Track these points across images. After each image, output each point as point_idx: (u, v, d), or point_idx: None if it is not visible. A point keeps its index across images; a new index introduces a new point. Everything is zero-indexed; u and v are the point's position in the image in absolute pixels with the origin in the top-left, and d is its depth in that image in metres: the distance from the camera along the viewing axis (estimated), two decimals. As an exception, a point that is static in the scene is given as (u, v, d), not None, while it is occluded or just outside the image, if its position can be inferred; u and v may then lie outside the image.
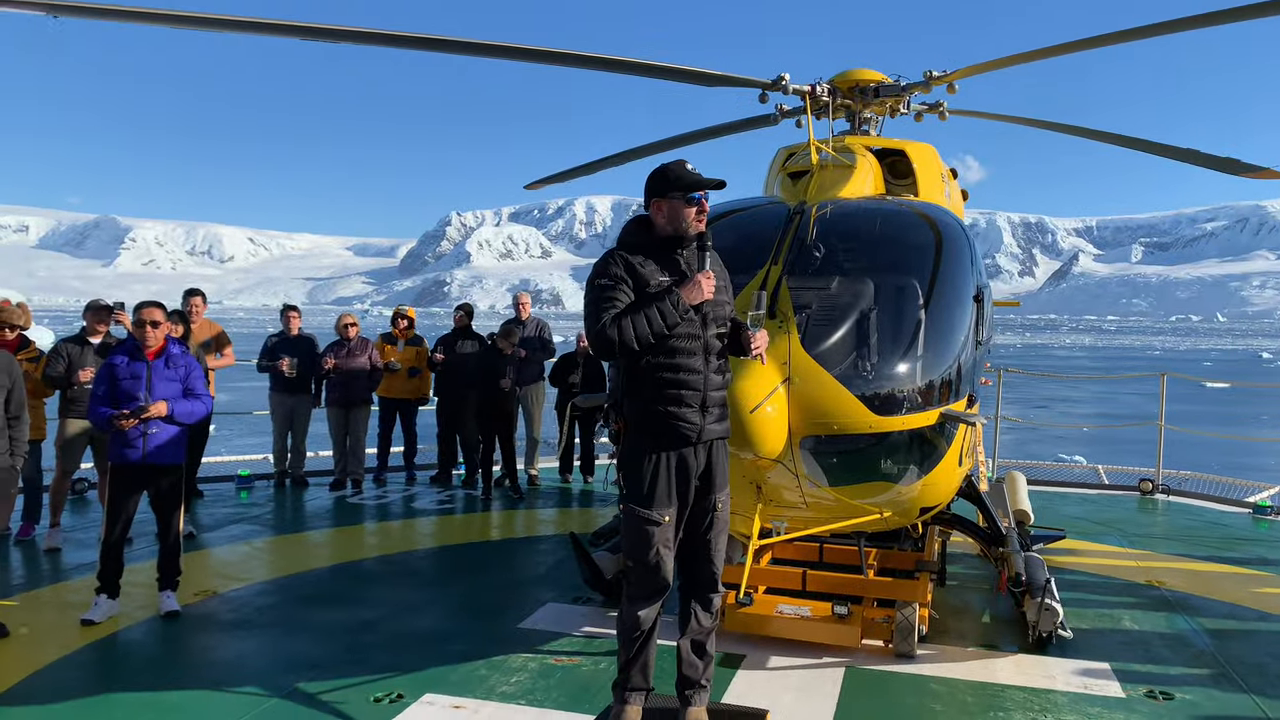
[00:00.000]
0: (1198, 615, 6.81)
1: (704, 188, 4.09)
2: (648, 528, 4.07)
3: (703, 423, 4.06)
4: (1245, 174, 8.02)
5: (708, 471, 4.15)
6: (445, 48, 6.46)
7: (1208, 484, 12.79)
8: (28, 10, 5.20)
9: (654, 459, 4.08)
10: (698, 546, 4.20)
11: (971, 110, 8.58)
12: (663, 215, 4.12)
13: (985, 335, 6.63)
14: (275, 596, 6.86)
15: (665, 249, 4.13)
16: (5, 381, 5.87)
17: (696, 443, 4.08)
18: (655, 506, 4.07)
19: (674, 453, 4.08)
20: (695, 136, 8.94)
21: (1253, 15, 5.56)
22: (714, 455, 4.17)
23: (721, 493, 4.20)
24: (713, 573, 4.22)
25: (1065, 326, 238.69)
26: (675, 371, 4.04)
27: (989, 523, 7.19)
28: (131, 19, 5.81)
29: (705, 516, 4.17)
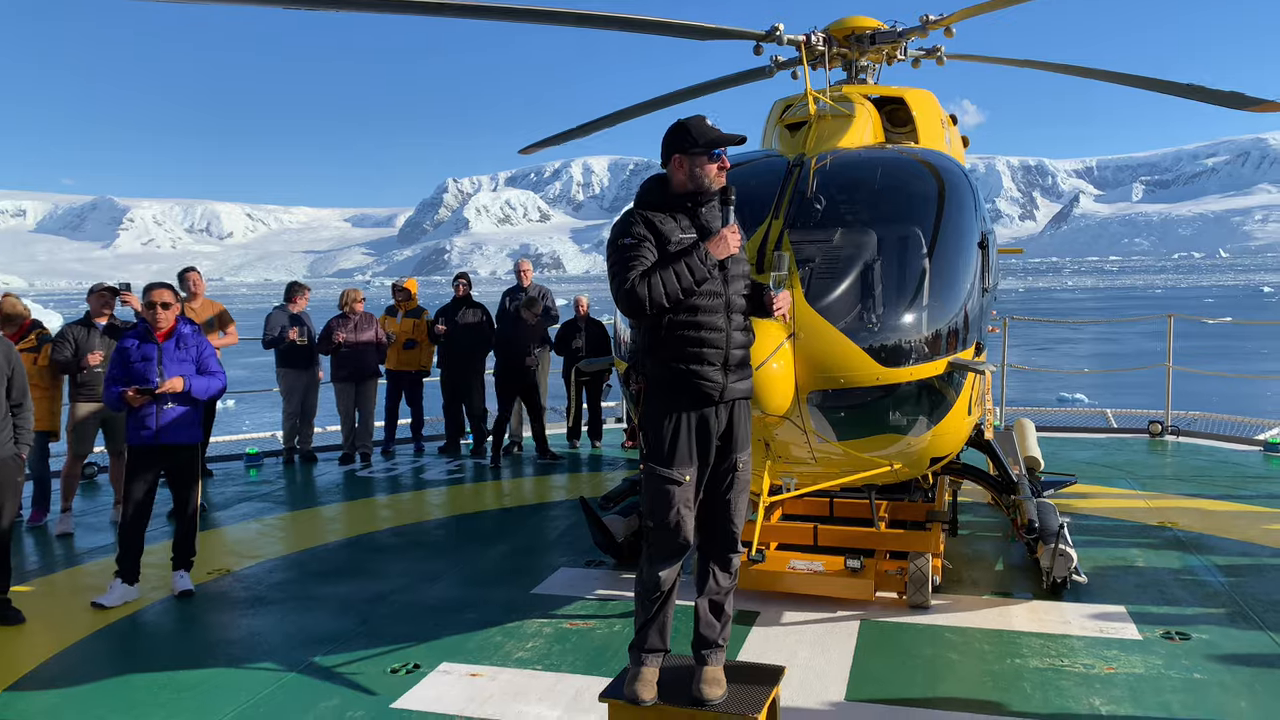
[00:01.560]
0: (1211, 555, 6.81)
1: (726, 143, 4.01)
2: (668, 487, 4.03)
3: (725, 381, 4.00)
4: (1250, 108, 7.89)
5: (729, 431, 4.09)
6: (434, 10, 6.34)
7: (1217, 423, 12.77)
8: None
9: (675, 418, 4.02)
10: (717, 507, 4.16)
11: (969, 54, 8.43)
12: (683, 171, 4.05)
13: (991, 282, 6.56)
14: (289, 572, 6.87)
15: (684, 206, 4.07)
16: (4, 368, 5.82)
17: (719, 402, 4.03)
18: (676, 466, 4.02)
19: (695, 412, 4.02)
20: (691, 93, 8.81)
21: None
22: (736, 415, 4.11)
23: (743, 453, 4.14)
24: (732, 532, 4.18)
25: (1068, 269, 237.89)
26: (698, 329, 3.97)
27: (1000, 471, 7.18)
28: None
29: (726, 477, 4.12)
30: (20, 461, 6.02)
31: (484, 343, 11.42)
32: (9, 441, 5.87)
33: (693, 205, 4.06)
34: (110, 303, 8.34)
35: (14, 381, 5.90)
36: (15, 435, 5.91)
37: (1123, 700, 4.55)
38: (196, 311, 9.55)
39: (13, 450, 5.90)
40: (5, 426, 5.84)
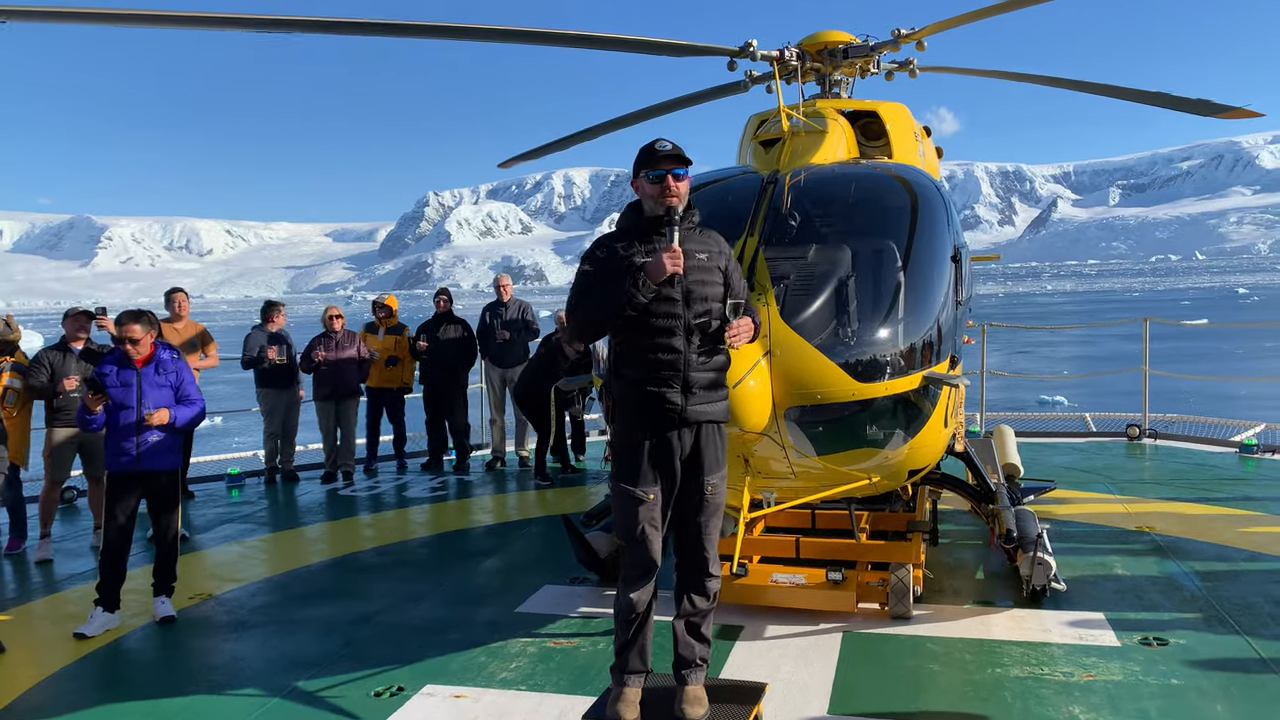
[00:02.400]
0: (1188, 559, 6.88)
1: (659, 165, 4.06)
2: (633, 505, 4.12)
3: (685, 403, 4.04)
4: (1218, 114, 8.00)
5: (696, 454, 4.12)
6: (411, 32, 6.37)
7: (1194, 425, 12.90)
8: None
9: (637, 437, 4.11)
10: (689, 531, 4.20)
11: (941, 66, 8.53)
12: (642, 194, 4.15)
13: (965, 295, 6.63)
14: (271, 595, 6.85)
15: (651, 229, 4.12)
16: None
17: (680, 424, 4.07)
18: (639, 484, 4.10)
19: (647, 432, 4.10)
20: (667, 107, 8.87)
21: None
22: (704, 438, 4.13)
23: (713, 475, 4.15)
24: (704, 558, 4.19)
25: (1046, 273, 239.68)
26: (654, 351, 4.04)
27: (978, 480, 7.23)
28: (84, 20, 5.71)
29: (694, 500, 4.15)
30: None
31: (466, 358, 11.42)
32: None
33: (657, 228, 4.11)
34: (86, 327, 8.30)
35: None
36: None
37: (1101, 708, 4.60)
38: (180, 332, 9.51)
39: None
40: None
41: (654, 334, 4.03)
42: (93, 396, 6.05)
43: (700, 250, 4.13)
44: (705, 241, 4.20)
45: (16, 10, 5.24)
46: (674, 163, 4.07)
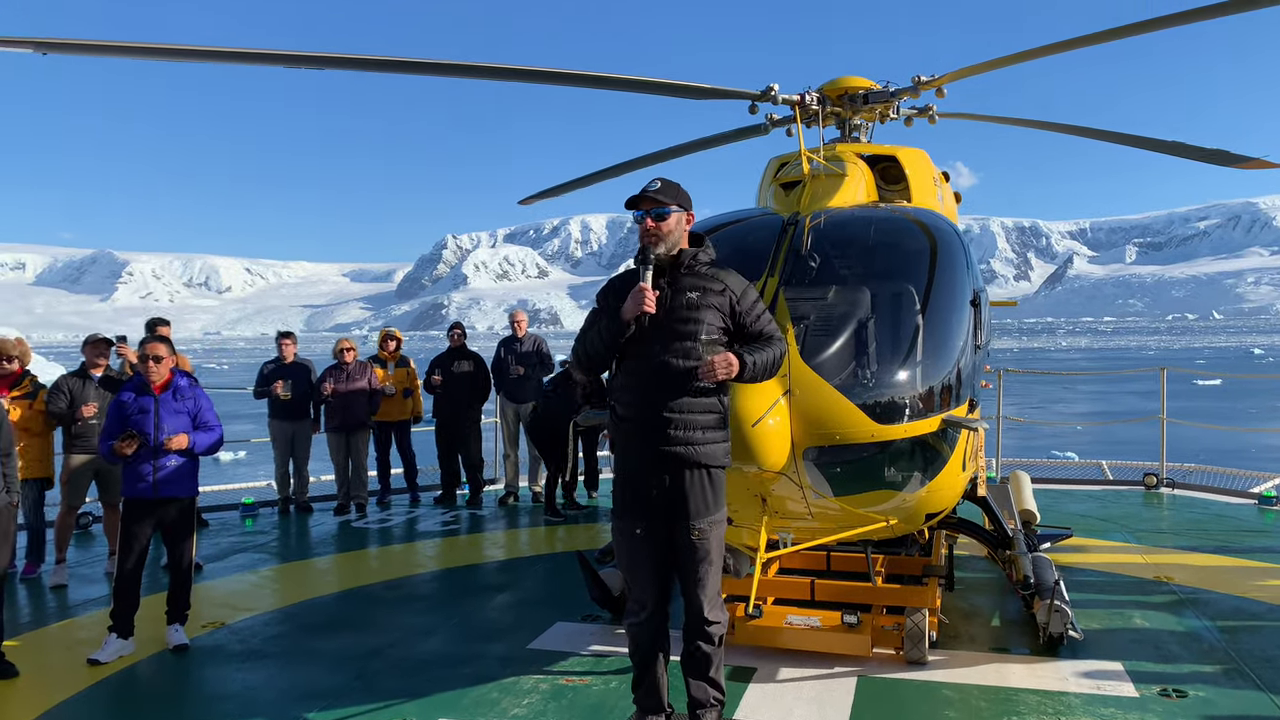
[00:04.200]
0: (1208, 610, 6.80)
1: (638, 205, 4.21)
2: (621, 538, 4.25)
3: (659, 442, 4.08)
4: (1235, 164, 8.04)
5: (680, 495, 4.12)
6: (435, 71, 6.49)
7: (1211, 476, 12.78)
8: (18, 49, 5.23)
9: (624, 472, 4.27)
10: (685, 578, 4.22)
11: (961, 113, 8.62)
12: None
13: (984, 339, 6.64)
14: (283, 626, 6.83)
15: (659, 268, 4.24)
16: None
17: (656, 461, 4.11)
18: (624, 518, 4.23)
19: (633, 469, 4.20)
20: (688, 148, 8.98)
21: (1236, 10, 5.59)
22: (687, 480, 4.12)
23: (699, 520, 4.12)
24: (698, 603, 4.17)
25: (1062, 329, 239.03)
26: (627, 390, 4.18)
27: (995, 525, 7.19)
28: (117, 53, 5.88)
29: (682, 541, 4.15)
30: (11, 511, 6.01)
31: (480, 392, 11.46)
32: (1, 491, 5.87)
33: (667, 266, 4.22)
34: (105, 353, 8.40)
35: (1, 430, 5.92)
36: (5, 484, 5.91)
37: (1121, 757, 4.53)
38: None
39: (5, 499, 5.89)
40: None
41: (633, 371, 4.15)
42: (123, 442, 6.08)
43: (693, 289, 4.16)
44: (704, 280, 4.21)
45: (56, 43, 5.39)
46: (650, 203, 4.16)
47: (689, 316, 4.12)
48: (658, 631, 4.31)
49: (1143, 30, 6.06)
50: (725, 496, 4.30)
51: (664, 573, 4.25)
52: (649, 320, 4.09)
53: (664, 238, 4.18)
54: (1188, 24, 5.81)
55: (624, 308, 4.06)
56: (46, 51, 5.27)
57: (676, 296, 4.14)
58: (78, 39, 5.59)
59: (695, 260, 4.25)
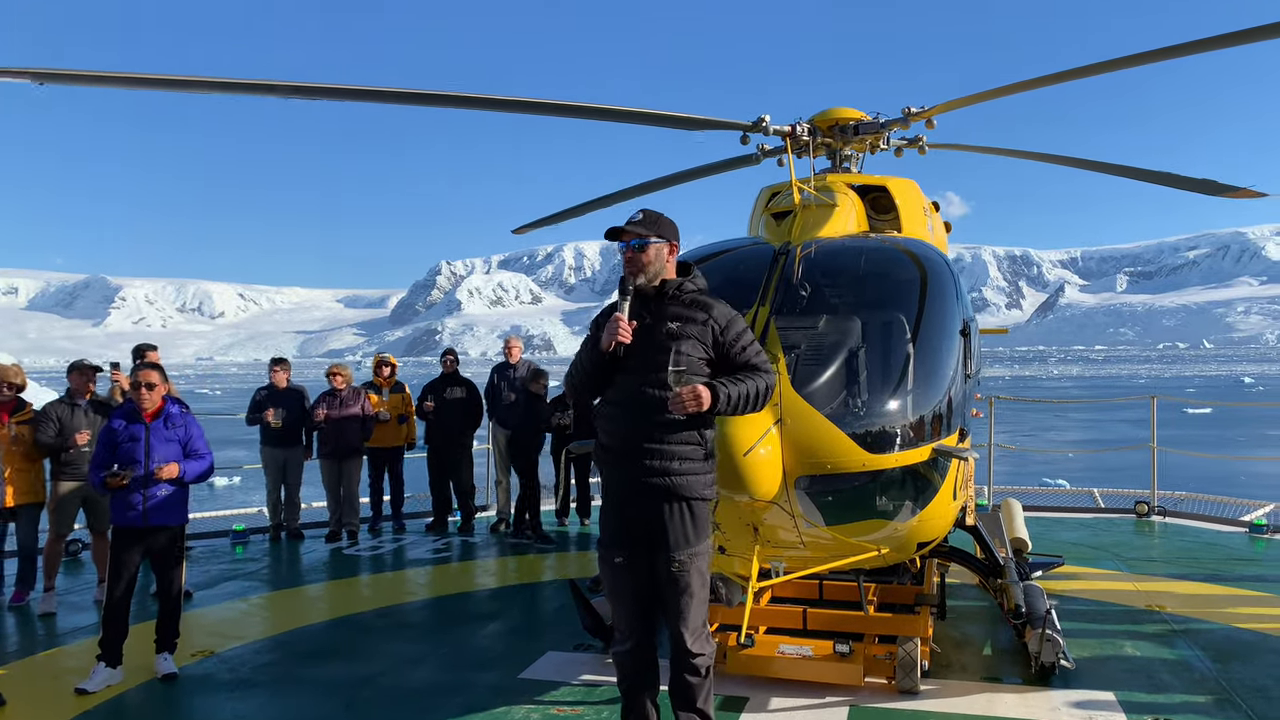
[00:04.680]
0: (1199, 639, 6.80)
1: (617, 237, 4.26)
2: (603, 565, 4.28)
3: (631, 472, 4.10)
4: (1223, 194, 8.11)
5: (659, 526, 4.11)
6: (430, 101, 6.55)
7: (1202, 504, 12.82)
8: (15, 79, 5.27)
9: (607, 499, 4.31)
10: (664, 608, 4.21)
11: (951, 144, 8.71)
12: None
13: (974, 368, 6.68)
14: (273, 654, 6.79)
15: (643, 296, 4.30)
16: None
17: (630, 492, 4.14)
18: (607, 546, 4.25)
19: (614, 498, 4.24)
20: (680, 177, 9.05)
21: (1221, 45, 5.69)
22: (662, 512, 4.11)
23: (678, 552, 4.09)
24: (679, 640, 4.16)
25: (1054, 358, 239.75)
26: (609, 419, 4.23)
27: (986, 554, 7.20)
28: (113, 84, 5.92)
29: (664, 572, 4.15)
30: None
31: (472, 419, 11.46)
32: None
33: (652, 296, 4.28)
34: (92, 378, 8.37)
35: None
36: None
37: (1112, 787, 4.52)
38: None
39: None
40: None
41: (614, 400, 4.20)
42: (116, 477, 6.06)
43: (674, 319, 4.17)
44: (687, 310, 4.21)
45: (53, 73, 5.43)
46: (629, 234, 4.21)
47: (667, 346, 4.13)
48: (644, 661, 4.31)
49: (1131, 64, 6.15)
50: (709, 528, 4.27)
51: (647, 602, 4.24)
52: (627, 349, 4.12)
53: (644, 268, 4.22)
54: (1175, 59, 5.91)
55: (602, 337, 4.11)
56: (43, 82, 5.31)
57: (657, 326, 4.16)
58: (74, 70, 5.64)
59: (680, 290, 4.26)
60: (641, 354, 4.10)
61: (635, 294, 4.23)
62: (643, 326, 4.18)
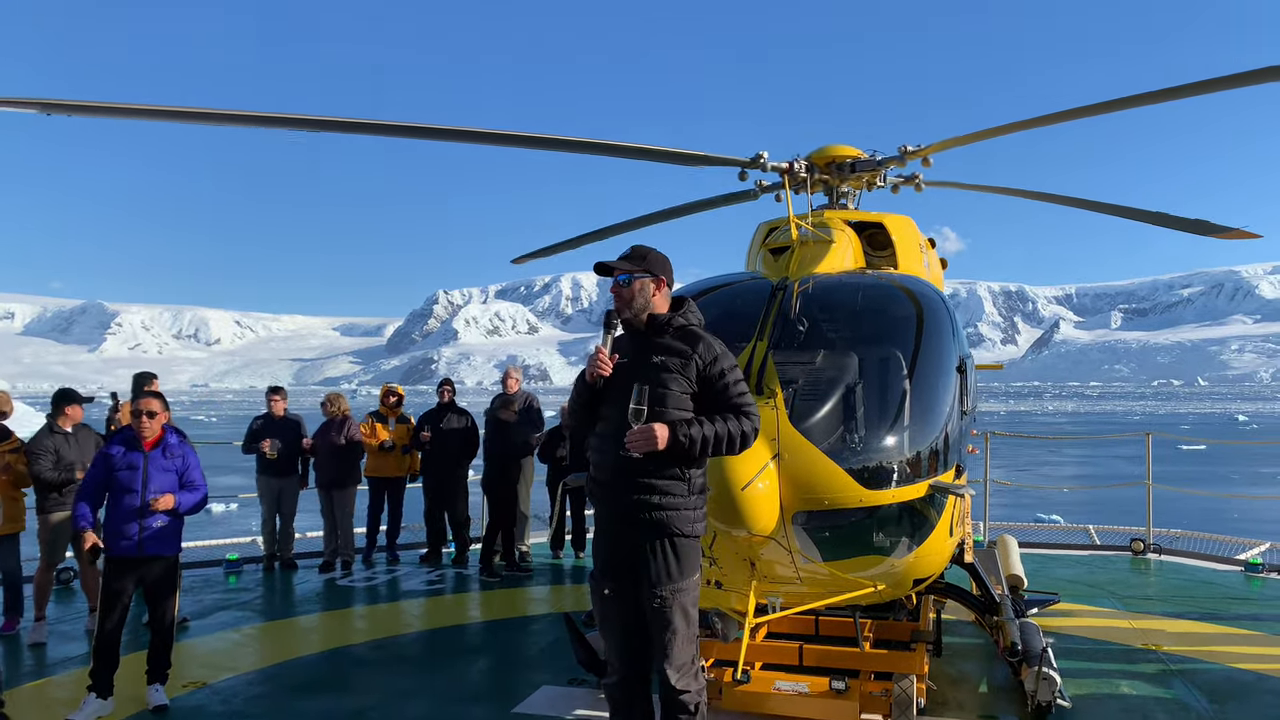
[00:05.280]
0: (1195, 679, 6.78)
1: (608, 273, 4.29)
2: (594, 596, 4.29)
3: (615, 506, 4.14)
4: (1216, 234, 8.19)
5: (642, 559, 4.10)
6: (430, 135, 6.62)
7: (1198, 541, 12.80)
8: (22, 109, 5.33)
9: (595, 531, 4.35)
10: (651, 643, 4.17)
11: (947, 181, 8.80)
12: None
13: (970, 405, 6.71)
14: (265, 686, 6.74)
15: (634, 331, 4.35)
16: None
17: (614, 525, 4.18)
18: (597, 578, 4.28)
19: (601, 529, 4.28)
20: (677, 211, 9.12)
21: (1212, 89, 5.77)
22: (644, 546, 4.09)
23: (660, 588, 4.05)
24: (663, 676, 4.11)
25: (1049, 393, 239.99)
26: (595, 451, 4.27)
27: (982, 590, 7.18)
28: (118, 114, 5.98)
29: (646, 607, 4.13)
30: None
31: (469, 449, 11.44)
32: None
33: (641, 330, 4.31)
34: (80, 404, 8.33)
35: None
36: None
37: (1109, 829, 4.49)
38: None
39: None
40: None
41: (600, 432, 4.24)
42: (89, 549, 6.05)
43: (658, 354, 4.17)
44: (672, 345, 4.19)
45: (59, 104, 5.48)
46: (614, 269, 4.26)
47: (650, 380, 4.11)
48: (633, 694, 4.28)
49: (1127, 106, 6.23)
50: (695, 564, 4.19)
51: (636, 635, 4.21)
52: (611, 383, 4.15)
53: (629, 303, 4.24)
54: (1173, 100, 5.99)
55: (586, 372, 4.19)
56: (50, 112, 5.36)
57: (640, 361, 4.16)
58: (80, 100, 5.69)
59: (669, 325, 4.25)
60: (624, 388, 4.08)
61: (622, 327, 4.28)
62: (629, 361, 4.19)
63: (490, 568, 10.60)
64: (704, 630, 5.72)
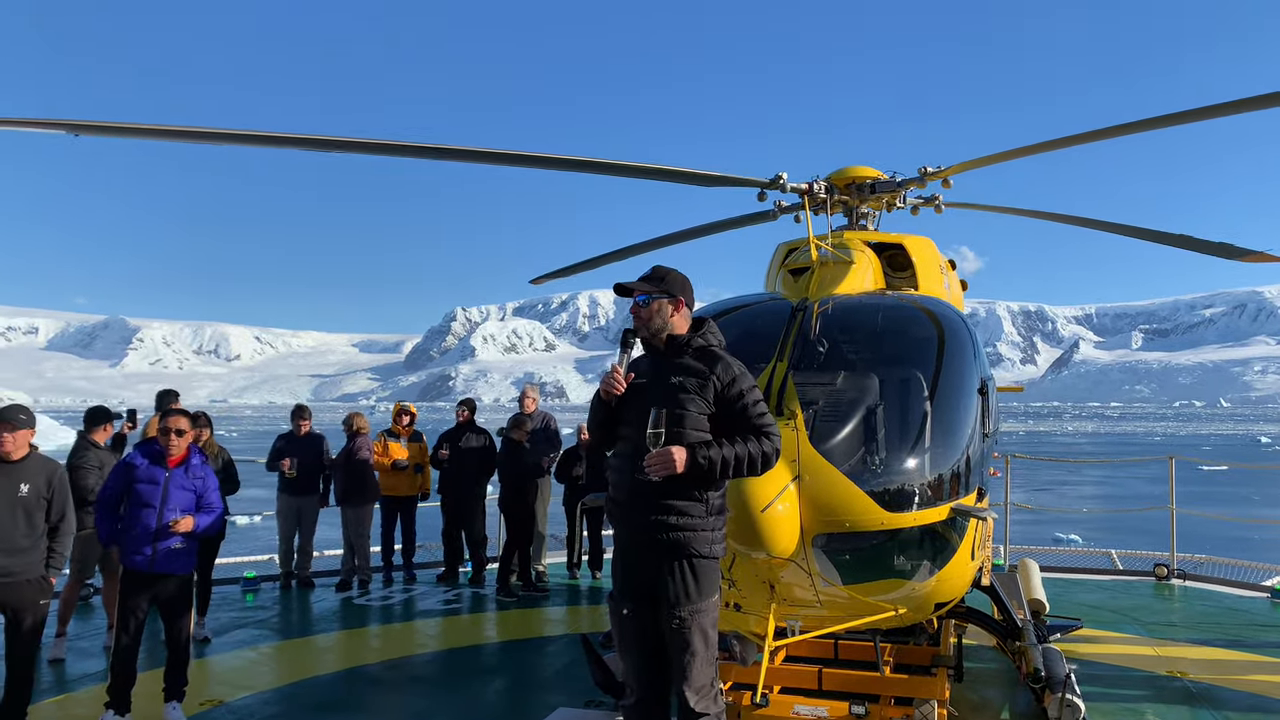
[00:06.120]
0: (1222, 707, 6.67)
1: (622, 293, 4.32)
2: (612, 616, 4.26)
3: (632, 526, 4.11)
4: (1240, 258, 8.10)
5: (656, 581, 4.07)
6: (454, 156, 6.64)
7: (1222, 567, 12.64)
8: (52, 130, 5.39)
9: (615, 551, 4.34)
10: (670, 664, 4.13)
11: (967, 203, 8.76)
12: None
13: (991, 427, 6.64)
14: (282, 705, 6.74)
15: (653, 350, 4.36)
16: (44, 490, 5.85)
17: (632, 545, 4.15)
18: (616, 598, 4.24)
19: (620, 550, 4.27)
20: (696, 232, 9.12)
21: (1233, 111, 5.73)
22: (665, 567, 4.04)
23: (680, 608, 4.01)
24: (681, 698, 4.06)
25: (1069, 414, 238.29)
26: (614, 470, 4.27)
27: (1004, 615, 7.10)
28: (146, 135, 6.04)
29: (665, 628, 4.09)
30: (48, 585, 5.96)
31: (486, 468, 11.44)
32: (40, 563, 5.85)
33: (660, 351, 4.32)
34: (110, 425, 8.43)
35: (53, 504, 5.92)
36: (48, 559, 5.90)
37: None
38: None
39: (40, 572, 5.87)
40: (38, 547, 5.83)
41: (618, 452, 4.24)
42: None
43: (676, 374, 4.15)
44: (692, 364, 4.17)
45: (87, 125, 5.55)
46: (632, 290, 4.27)
47: (668, 401, 4.08)
48: (650, 717, 4.25)
49: (1146, 128, 6.20)
50: (713, 585, 4.14)
51: (653, 656, 4.17)
52: (628, 403, 4.15)
53: (646, 323, 4.24)
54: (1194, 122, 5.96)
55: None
56: (79, 133, 5.43)
57: (658, 381, 4.16)
58: (108, 121, 5.76)
59: (688, 346, 4.24)
60: (642, 409, 4.05)
61: (639, 347, 4.30)
62: (647, 382, 4.19)
63: (507, 587, 10.56)
64: (722, 653, 5.67)
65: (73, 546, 8.08)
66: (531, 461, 10.90)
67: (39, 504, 5.82)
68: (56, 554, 5.95)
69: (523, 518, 10.76)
